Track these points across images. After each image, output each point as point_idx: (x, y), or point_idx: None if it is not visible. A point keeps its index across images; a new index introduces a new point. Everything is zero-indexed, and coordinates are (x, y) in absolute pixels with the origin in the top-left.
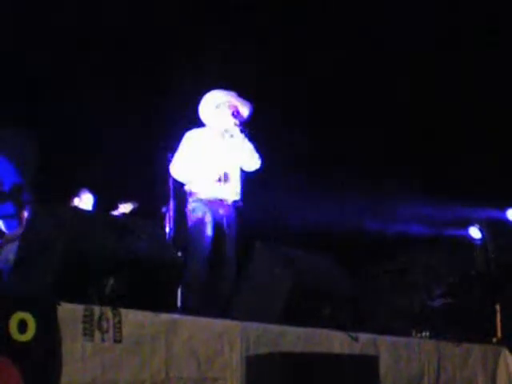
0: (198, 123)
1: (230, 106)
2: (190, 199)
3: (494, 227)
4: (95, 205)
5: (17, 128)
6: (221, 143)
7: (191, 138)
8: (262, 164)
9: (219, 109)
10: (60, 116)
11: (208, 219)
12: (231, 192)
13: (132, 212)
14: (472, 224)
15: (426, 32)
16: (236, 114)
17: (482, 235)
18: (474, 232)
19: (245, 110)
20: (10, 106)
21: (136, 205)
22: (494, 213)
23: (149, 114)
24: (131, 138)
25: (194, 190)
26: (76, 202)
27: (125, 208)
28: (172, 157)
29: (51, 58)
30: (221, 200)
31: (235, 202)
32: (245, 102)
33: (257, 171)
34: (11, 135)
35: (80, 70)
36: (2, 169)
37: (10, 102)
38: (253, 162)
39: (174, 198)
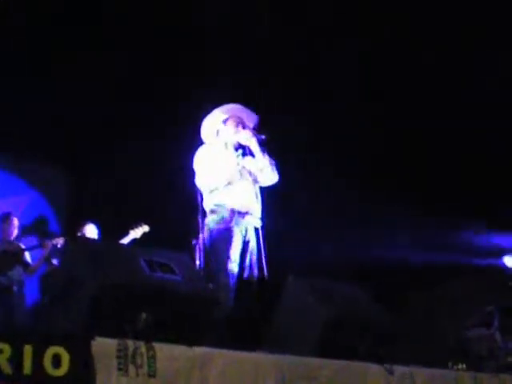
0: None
1: (236, 120)
2: (210, 213)
3: None
4: (100, 235)
5: (46, 162)
6: (231, 157)
7: (203, 153)
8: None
9: (226, 124)
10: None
11: (233, 232)
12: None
13: (143, 236)
14: (507, 253)
15: None
16: (243, 126)
17: None
18: (509, 261)
19: (250, 123)
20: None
21: (147, 228)
22: None
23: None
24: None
25: (215, 201)
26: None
27: (135, 233)
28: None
29: None
30: (244, 213)
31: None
32: (251, 113)
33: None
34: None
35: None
36: (33, 203)
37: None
38: (269, 177)
39: (204, 230)
